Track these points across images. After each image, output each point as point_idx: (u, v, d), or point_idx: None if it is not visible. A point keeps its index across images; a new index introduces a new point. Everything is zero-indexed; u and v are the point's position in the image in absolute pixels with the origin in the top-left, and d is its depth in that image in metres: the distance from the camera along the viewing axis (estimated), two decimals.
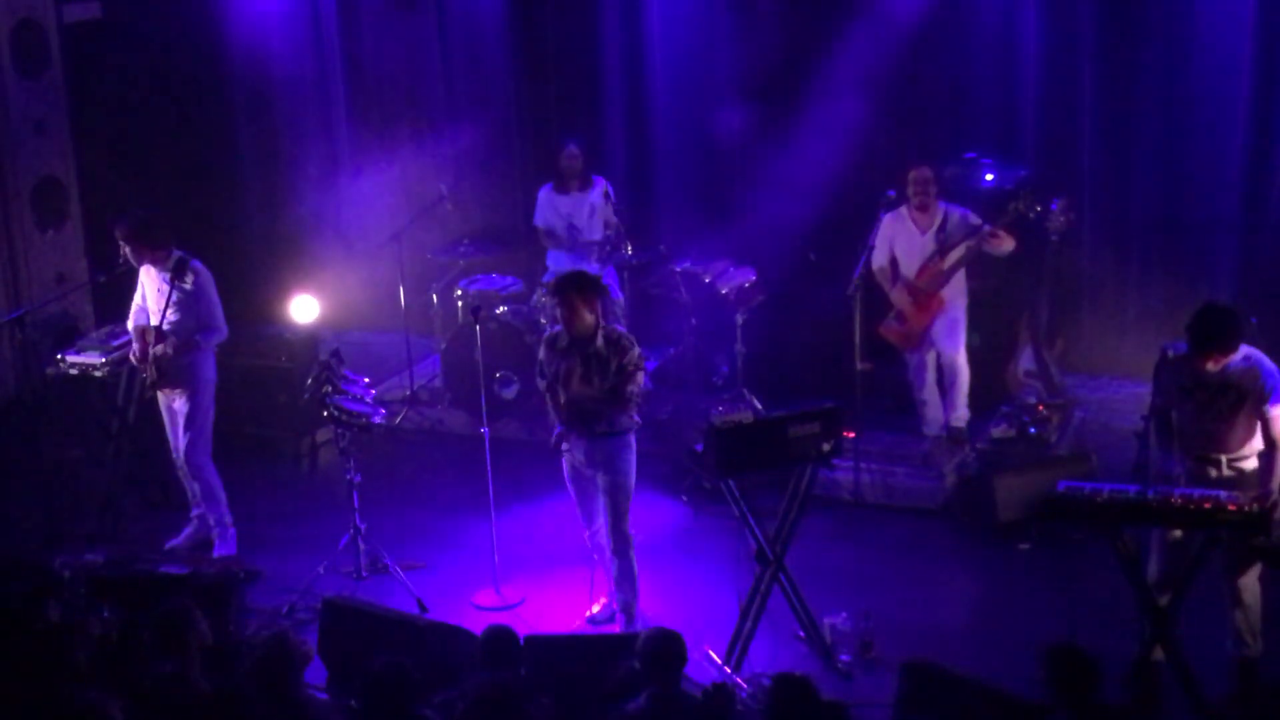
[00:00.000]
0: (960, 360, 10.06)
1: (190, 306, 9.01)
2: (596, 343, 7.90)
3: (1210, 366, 7.09)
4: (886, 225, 9.86)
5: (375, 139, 12.82)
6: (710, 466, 7.93)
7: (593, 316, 7.88)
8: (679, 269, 10.86)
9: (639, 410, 8.10)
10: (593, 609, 8.45)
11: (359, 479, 8.87)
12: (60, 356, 9.70)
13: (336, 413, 8.80)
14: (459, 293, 11.37)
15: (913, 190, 9.80)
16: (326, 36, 12.83)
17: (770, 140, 11.47)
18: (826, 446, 7.81)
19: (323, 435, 10.77)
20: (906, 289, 9.95)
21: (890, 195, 9.76)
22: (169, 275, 8.95)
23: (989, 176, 10.58)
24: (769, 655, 7.88)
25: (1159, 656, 7.23)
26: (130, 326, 9.28)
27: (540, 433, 10.67)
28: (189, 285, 8.97)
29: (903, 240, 9.95)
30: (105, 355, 9.57)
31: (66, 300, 10.83)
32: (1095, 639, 6.09)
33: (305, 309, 10.66)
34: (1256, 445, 7.21)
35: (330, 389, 8.81)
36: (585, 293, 7.86)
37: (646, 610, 8.32)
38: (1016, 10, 10.90)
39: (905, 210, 9.90)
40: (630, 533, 8.16)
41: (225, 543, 9.28)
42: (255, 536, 9.42)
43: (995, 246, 9.73)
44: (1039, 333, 10.46)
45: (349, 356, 9.21)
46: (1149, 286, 10.93)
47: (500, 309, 11.03)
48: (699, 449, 7.97)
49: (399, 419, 11.17)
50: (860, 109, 10.83)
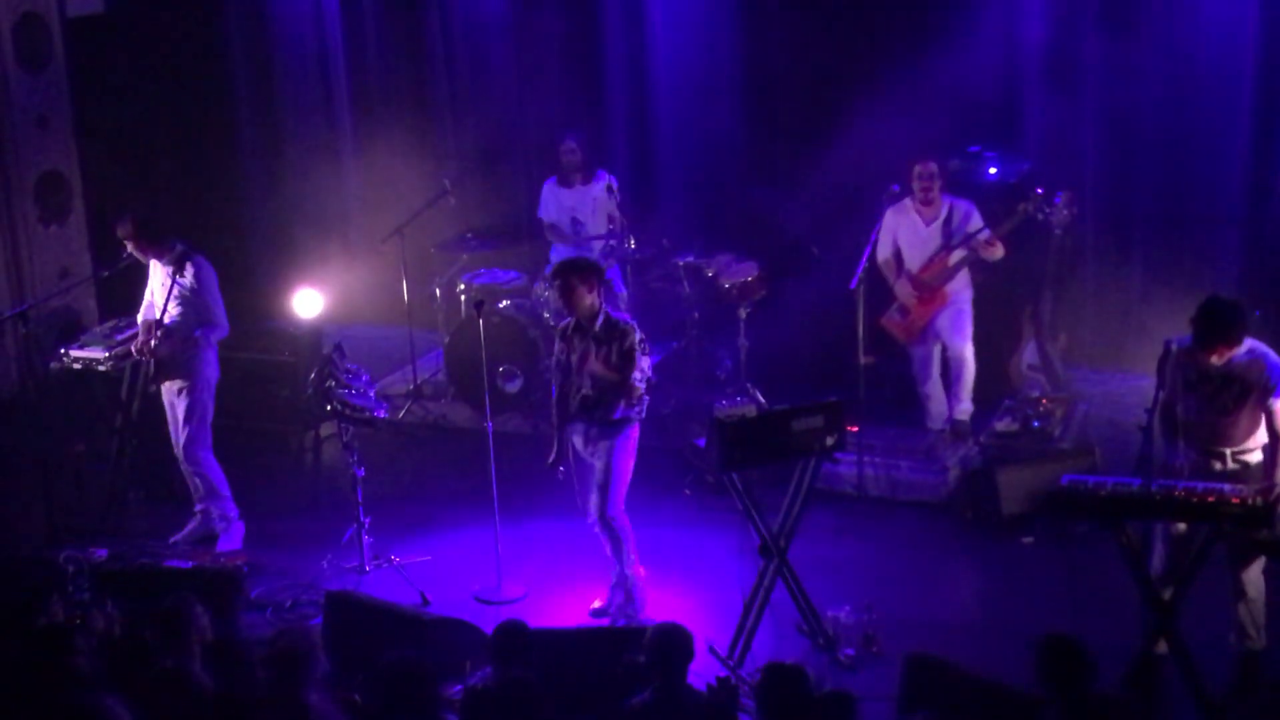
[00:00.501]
0: (967, 353, 10.05)
1: (190, 301, 9.01)
2: (596, 327, 7.98)
3: (1214, 360, 7.08)
4: (890, 218, 9.87)
5: (378, 133, 12.82)
6: (714, 460, 7.92)
7: (592, 299, 7.95)
8: (682, 263, 10.85)
9: (644, 403, 8.10)
10: (596, 603, 8.47)
11: (362, 473, 8.88)
12: (64, 351, 9.69)
13: (340, 407, 8.81)
14: (462, 287, 11.37)
15: (918, 184, 9.79)
16: (329, 31, 12.84)
17: (773, 134, 11.48)
18: (830, 440, 7.82)
19: (326, 430, 10.77)
20: (911, 282, 9.94)
21: (894, 190, 9.76)
22: (171, 270, 8.98)
23: (992, 170, 10.58)
24: (772, 649, 7.87)
25: (1162, 650, 7.22)
26: (139, 320, 9.29)
27: (544, 426, 10.71)
28: (188, 280, 8.97)
29: (907, 233, 9.94)
30: (108, 350, 9.56)
31: (70, 295, 10.84)
32: (1098, 632, 6.09)
33: (308, 303, 10.68)
34: (1261, 438, 7.21)
35: (333, 383, 8.82)
36: (583, 275, 7.95)
37: (650, 604, 8.33)
38: (1020, 4, 10.89)
39: (909, 203, 9.90)
40: (619, 513, 8.17)
41: (229, 537, 9.28)
42: (259, 531, 9.41)
43: (988, 254, 9.75)
44: (1042, 326, 10.45)
45: (352, 351, 9.22)
46: (1152, 280, 10.91)
47: (503, 303, 11.03)
48: (702, 443, 7.97)
49: (402, 413, 11.17)
50: (863, 102, 10.81)
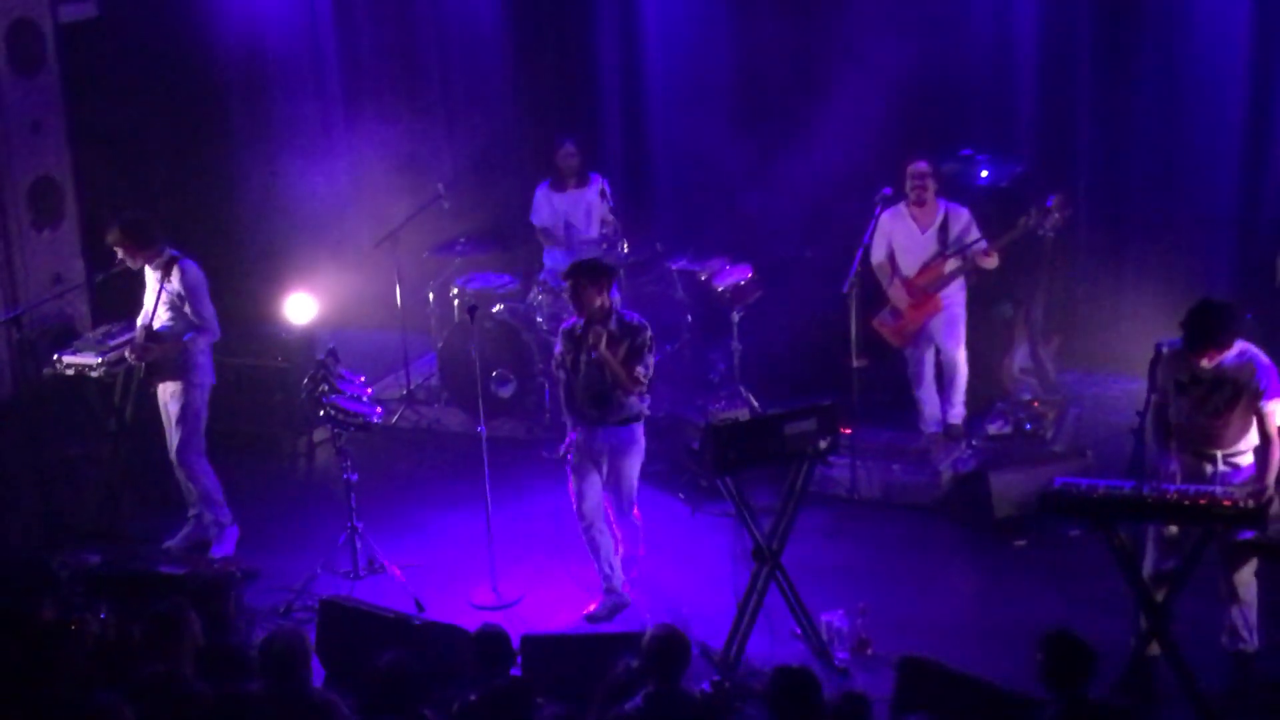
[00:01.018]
0: (960, 357, 10.07)
1: (179, 306, 9.02)
2: (610, 326, 8.05)
3: (1205, 363, 7.10)
4: (885, 222, 9.86)
5: (372, 137, 12.81)
6: (707, 464, 7.93)
7: (603, 300, 8.06)
8: (675, 267, 10.87)
9: (647, 400, 8.18)
10: (591, 607, 8.47)
11: (356, 478, 8.88)
12: (57, 357, 9.67)
13: (333, 412, 8.80)
14: (455, 291, 11.36)
15: (910, 185, 9.80)
16: (323, 35, 12.83)
17: (766, 137, 11.47)
18: (823, 443, 7.83)
19: (319, 434, 10.78)
20: (905, 286, 9.95)
21: (887, 193, 9.75)
22: (160, 274, 8.98)
23: (985, 173, 10.59)
24: (766, 653, 7.88)
25: (1155, 652, 7.24)
26: (138, 324, 9.29)
27: (538, 430, 10.74)
28: (176, 284, 8.98)
29: (902, 237, 9.95)
30: (102, 355, 9.54)
31: (63, 300, 10.79)
32: (1091, 635, 6.08)
33: (302, 308, 10.64)
34: (1252, 440, 7.23)
35: (327, 388, 8.81)
36: (595, 277, 8.06)
37: (643, 608, 8.34)
38: (1013, 6, 10.91)
39: (904, 207, 9.91)
40: (635, 512, 8.35)
41: (223, 542, 9.28)
42: (252, 536, 9.41)
43: (984, 264, 9.78)
44: (1035, 329, 10.47)
45: (345, 355, 9.21)
46: (1144, 283, 10.92)
47: (497, 307, 11.03)
48: (696, 446, 7.98)
49: (395, 418, 11.17)
50: (856, 106, 10.83)
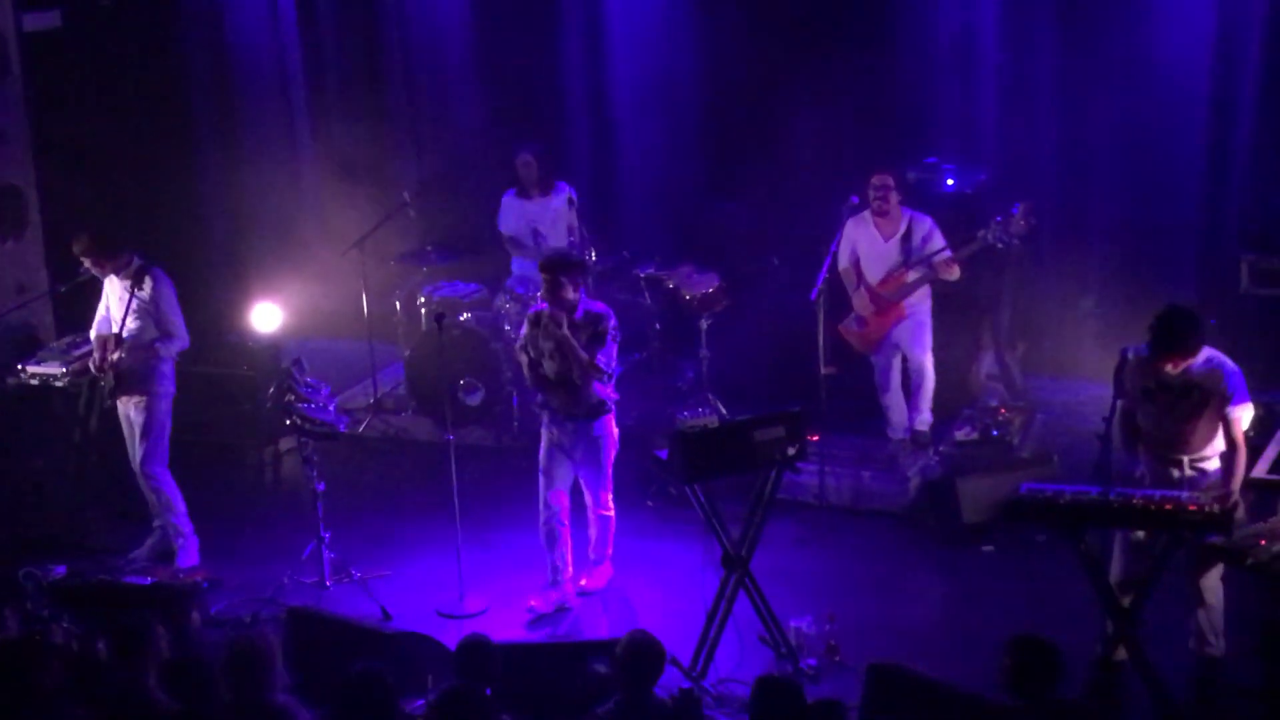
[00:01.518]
0: (927, 364, 10.08)
1: (149, 314, 8.97)
2: (576, 317, 8.22)
3: (1170, 369, 7.13)
4: (850, 229, 9.90)
5: (337, 146, 12.79)
6: (675, 471, 7.92)
7: (575, 295, 8.27)
8: (643, 274, 10.87)
9: (614, 390, 8.31)
10: (533, 602, 8.54)
11: (322, 487, 8.84)
12: (21, 367, 9.63)
13: (300, 421, 8.77)
14: (422, 300, 11.33)
15: (872, 195, 9.84)
16: (287, 44, 12.80)
17: (733, 146, 11.50)
18: (791, 450, 7.83)
19: (286, 444, 10.74)
20: (869, 294, 9.97)
21: (853, 201, 9.78)
22: (129, 284, 8.93)
23: (950, 181, 10.63)
24: (735, 660, 7.89)
25: (1122, 656, 7.26)
26: (93, 335, 9.23)
27: (506, 438, 10.72)
28: (146, 293, 8.94)
29: (866, 245, 9.97)
30: (66, 365, 9.50)
31: (27, 310, 10.74)
32: (1058, 639, 6.09)
33: (267, 317, 10.61)
34: (1218, 446, 7.26)
35: (293, 397, 8.78)
36: (570, 273, 8.29)
37: (614, 615, 8.34)
38: (977, 16, 10.96)
39: (868, 215, 9.93)
40: (610, 503, 8.54)
41: (187, 553, 9.22)
42: (218, 546, 9.36)
43: (944, 274, 9.79)
44: (1000, 336, 10.51)
45: (312, 364, 9.18)
46: (1109, 289, 10.99)
47: (464, 315, 11.01)
48: (664, 454, 7.96)
49: (362, 427, 11.14)
50: (822, 115, 10.86)
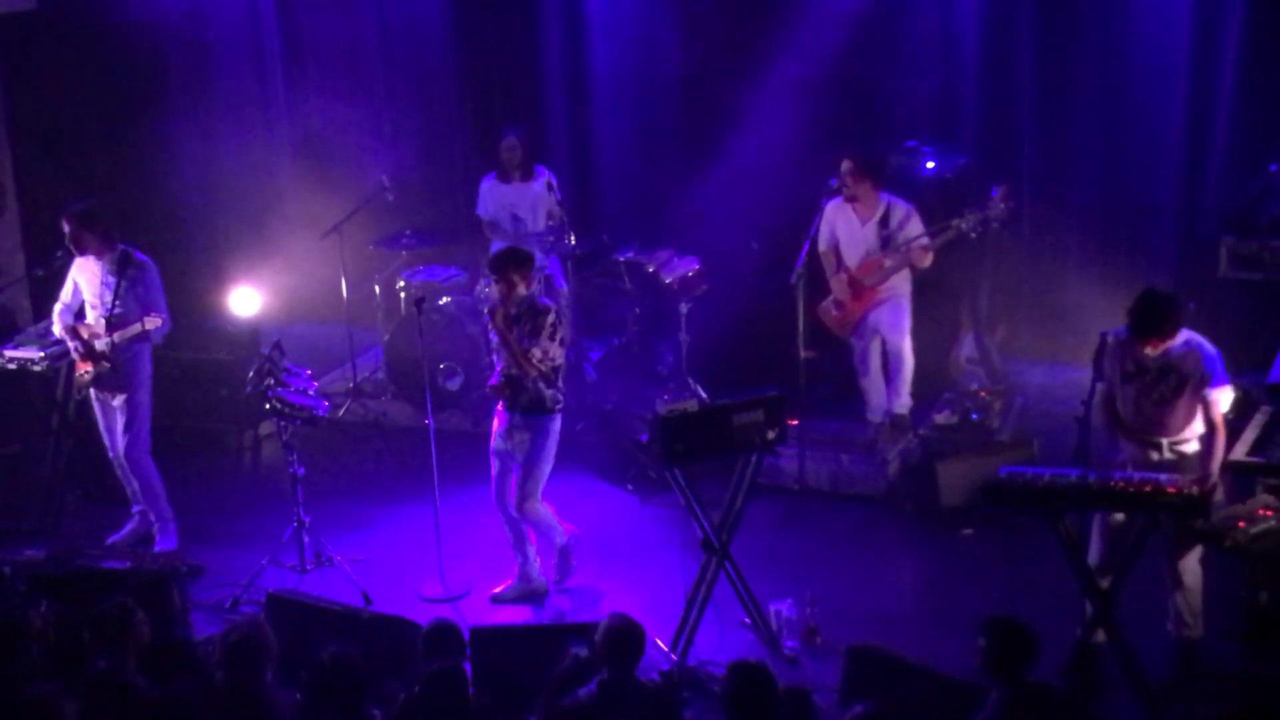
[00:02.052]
0: (905, 347, 10.07)
1: (137, 299, 8.91)
2: (516, 310, 8.17)
3: (1149, 351, 7.14)
4: (829, 212, 9.90)
5: (316, 130, 12.74)
6: (656, 456, 7.92)
7: (526, 289, 8.23)
8: (623, 259, 10.85)
9: (561, 393, 8.22)
10: (499, 588, 8.54)
11: (302, 472, 8.82)
12: None
13: (279, 405, 8.74)
14: (401, 284, 11.30)
15: (840, 182, 9.84)
16: (265, 26, 12.75)
17: (713, 129, 11.48)
18: (771, 434, 7.84)
19: (265, 428, 10.71)
20: (847, 278, 9.97)
21: (832, 184, 9.78)
22: (114, 269, 8.87)
23: (930, 164, 10.62)
24: (715, 643, 7.90)
25: (1101, 639, 7.29)
26: (59, 328, 9.09)
27: (485, 423, 10.69)
28: (135, 277, 8.88)
29: (844, 229, 9.97)
30: (44, 350, 9.44)
31: (3, 294, 10.70)
32: (1037, 622, 6.12)
33: (246, 301, 10.59)
34: (1197, 428, 7.27)
35: (272, 382, 8.75)
36: (522, 270, 8.22)
37: (593, 598, 8.34)
38: None
39: (845, 199, 9.93)
40: (534, 507, 8.34)
41: (166, 537, 9.20)
42: (197, 531, 9.33)
43: (918, 260, 9.79)
44: (980, 319, 10.52)
45: (291, 349, 9.14)
46: (1088, 272, 10.99)
47: (444, 300, 10.99)
48: (644, 438, 7.96)
49: (342, 411, 11.11)
50: (802, 98, 10.85)
